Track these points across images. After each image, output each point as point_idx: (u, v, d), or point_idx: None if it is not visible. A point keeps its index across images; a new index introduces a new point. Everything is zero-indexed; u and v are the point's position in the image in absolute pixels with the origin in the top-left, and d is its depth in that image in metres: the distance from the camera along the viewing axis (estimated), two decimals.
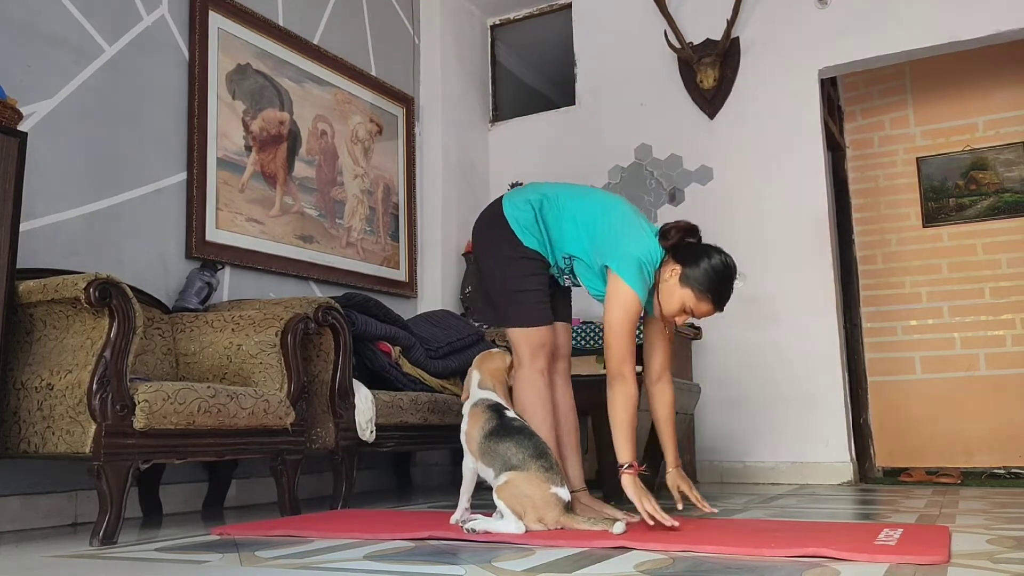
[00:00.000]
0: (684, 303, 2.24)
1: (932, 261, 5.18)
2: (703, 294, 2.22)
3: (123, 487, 2.16)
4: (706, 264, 2.22)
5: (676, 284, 2.25)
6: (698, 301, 2.23)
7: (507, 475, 2.09)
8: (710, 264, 2.22)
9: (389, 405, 3.15)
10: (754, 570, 1.56)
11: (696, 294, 2.22)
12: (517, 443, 2.11)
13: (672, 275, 2.25)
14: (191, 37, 3.36)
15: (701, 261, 2.23)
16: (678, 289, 2.24)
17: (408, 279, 4.49)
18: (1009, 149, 5.08)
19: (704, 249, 2.27)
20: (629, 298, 2.21)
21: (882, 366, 5.19)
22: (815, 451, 4.01)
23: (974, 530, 2.12)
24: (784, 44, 4.32)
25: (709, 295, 2.23)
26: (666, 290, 2.26)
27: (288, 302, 3.01)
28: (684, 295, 2.24)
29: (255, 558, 1.82)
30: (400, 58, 4.67)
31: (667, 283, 2.27)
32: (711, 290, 2.22)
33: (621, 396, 2.18)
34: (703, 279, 2.22)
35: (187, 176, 3.28)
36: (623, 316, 2.21)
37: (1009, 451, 4.80)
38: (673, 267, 2.26)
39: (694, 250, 2.27)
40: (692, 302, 2.24)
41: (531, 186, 2.57)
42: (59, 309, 2.30)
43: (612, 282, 2.25)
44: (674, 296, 2.25)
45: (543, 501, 2.06)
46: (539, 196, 2.46)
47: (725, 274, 2.24)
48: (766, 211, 4.26)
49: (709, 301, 2.23)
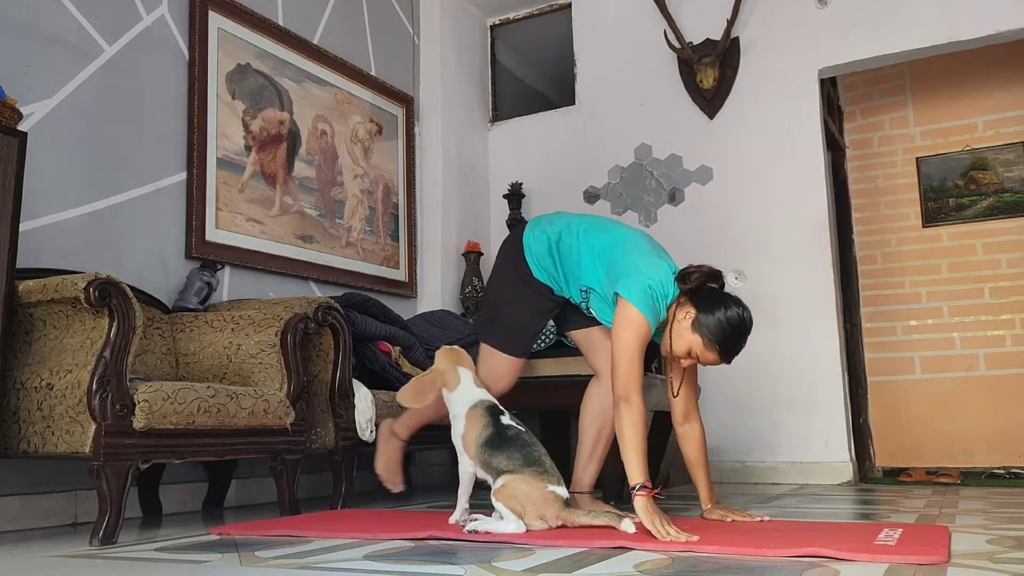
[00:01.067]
0: (692, 348, 2.21)
1: (932, 261, 5.18)
2: (711, 344, 2.18)
3: (123, 487, 2.15)
4: (721, 315, 2.18)
5: (688, 328, 2.20)
6: (705, 349, 2.19)
7: (504, 478, 2.10)
8: (725, 316, 2.18)
9: (389, 405, 3.14)
10: (754, 570, 1.56)
11: (705, 342, 2.18)
12: (508, 456, 2.12)
13: (686, 318, 2.21)
14: (191, 37, 3.36)
15: (717, 311, 2.18)
16: (688, 333, 2.20)
17: (408, 279, 4.49)
18: (1009, 149, 5.08)
19: (723, 299, 2.22)
20: (638, 321, 2.16)
21: (882, 366, 5.19)
22: (815, 451, 4.01)
23: (974, 530, 2.12)
24: (784, 44, 4.32)
25: (717, 346, 2.18)
26: (677, 331, 2.22)
27: (288, 302, 3.01)
28: (693, 340, 2.20)
29: (255, 558, 1.82)
30: (400, 58, 4.67)
31: (679, 324, 2.22)
32: (720, 342, 2.18)
33: (628, 418, 2.11)
34: (715, 330, 2.17)
35: (187, 176, 3.28)
36: (631, 338, 2.15)
37: (1009, 451, 4.80)
38: (688, 310, 2.21)
39: (713, 297, 2.22)
40: (700, 349, 2.20)
41: (557, 216, 2.52)
42: (59, 309, 2.30)
43: (621, 306, 2.19)
44: (683, 339, 2.21)
45: (542, 499, 2.08)
46: (559, 228, 2.43)
47: (740, 328, 2.19)
48: (766, 211, 4.26)
49: (716, 352, 2.19)
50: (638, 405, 2.12)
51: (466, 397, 2.25)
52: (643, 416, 2.12)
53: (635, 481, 2.05)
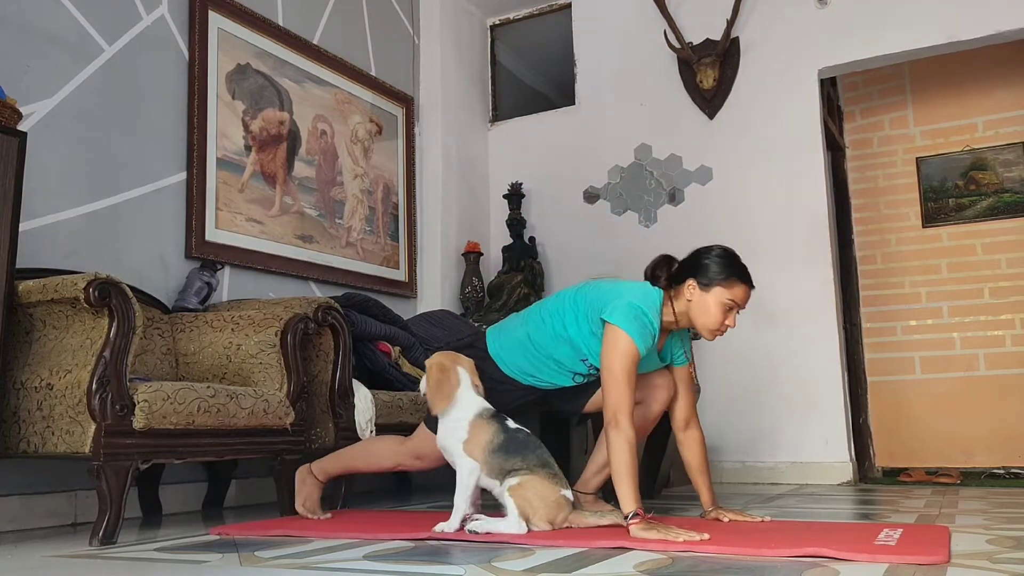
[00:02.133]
0: (721, 302, 2.20)
1: (932, 261, 5.18)
2: (729, 280, 2.19)
3: (123, 487, 2.15)
4: (709, 259, 2.22)
5: (702, 294, 2.20)
6: (731, 289, 2.19)
7: (522, 476, 2.10)
8: (712, 256, 2.22)
9: (389, 405, 3.15)
10: (754, 570, 1.56)
11: (724, 286, 2.19)
12: (524, 457, 2.13)
13: (692, 290, 2.22)
14: (191, 37, 3.36)
15: (703, 261, 2.23)
16: (707, 296, 2.20)
17: (408, 279, 4.49)
18: (1009, 149, 5.08)
19: (695, 254, 2.27)
20: (626, 346, 2.13)
21: (882, 366, 5.19)
22: (815, 451, 4.01)
23: (974, 530, 2.12)
24: (784, 44, 4.32)
25: (735, 277, 2.20)
26: (697, 306, 2.22)
27: (288, 302, 3.01)
28: (716, 295, 2.20)
29: (255, 558, 1.82)
30: (400, 58, 4.67)
31: (693, 301, 2.22)
32: (734, 272, 2.20)
33: (616, 445, 2.08)
34: (719, 270, 2.20)
35: (187, 176, 3.28)
36: (621, 363, 2.12)
37: (1008, 451, 4.80)
38: (685, 286, 2.23)
39: (689, 261, 2.27)
40: (727, 295, 2.19)
41: (508, 324, 2.47)
42: (59, 309, 2.30)
43: (608, 332, 2.17)
44: (708, 304, 2.20)
45: (555, 503, 2.10)
46: (522, 330, 2.38)
47: (732, 254, 2.24)
48: (766, 211, 4.26)
49: (739, 282, 2.20)
50: (627, 430, 2.08)
51: (468, 404, 2.22)
52: (632, 442, 2.08)
53: (628, 509, 2.01)
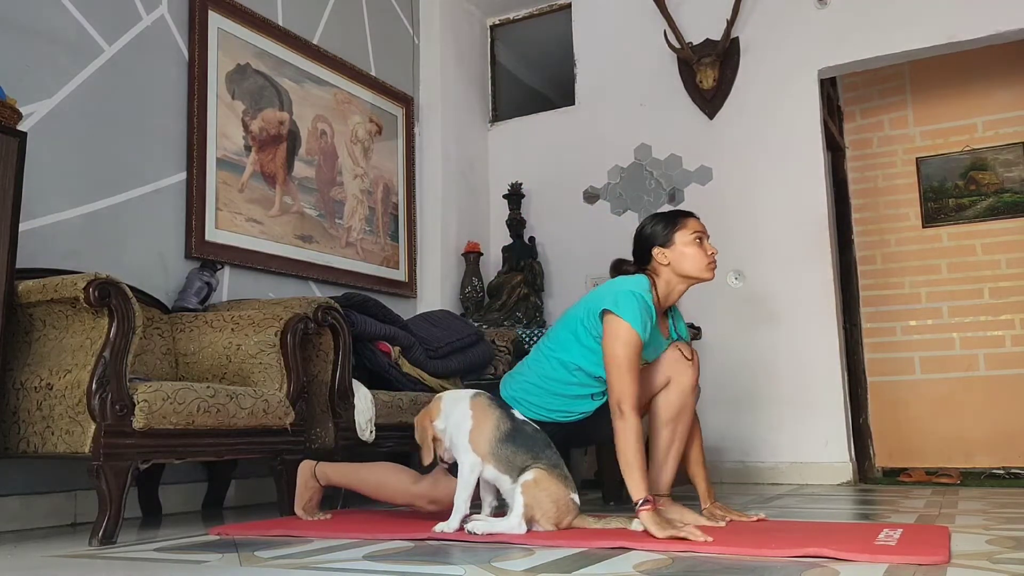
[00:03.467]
0: (688, 242, 2.32)
1: (931, 261, 5.18)
2: (677, 223, 2.34)
3: (122, 487, 2.15)
4: (651, 227, 2.37)
5: (670, 250, 2.32)
6: (686, 228, 2.33)
7: (537, 472, 2.07)
8: (651, 223, 2.38)
9: (389, 405, 3.15)
10: (754, 570, 1.56)
11: (679, 229, 2.33)
12: (535, 454, 2.11)
13: (661, 256, 2.33)
14: (191, 37, 3.36)
15: (647, 231, 2.37)
16: (675, 248, 2.32)
17: (408, 279, 4.49)
18: (1008, 149, 5.08)
19: (638, 236, 2.41)
20: (626, 334, 2.16)
21: (881, 366, 5.19)
22: (815, 451, 4.01)
23: (973, 530, 2.12)
24: (784, 44, 4.32)
25: (678, 217, 2.36)
26: (676, 261, 2.32)
27: (287, 302, 3.01)
28: (680, 240, 2.32)
29: (254, 558, 1.82)
30: (400, 58, 4.67)
31: (670, 262, 2.32)
32: (674, 216, 2.37)
33: (622, 434, 2.09)
34: (664, 223, 2.35)
35: (187, 176, 3.28)
36: (621, 352, 2.15)
37: (1008, 451, 4.80)
38: (653, 259, 2.34)
39: (638, 243, 2.40)
40: (687, 233, 2.33)
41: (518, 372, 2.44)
42: (59, 309, 2.30)
43: (607, 323, 2.20)
44: (682, 252, 2.32)
45: (565, 506, 2.09)
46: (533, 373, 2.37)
47: (659, 212, 2.45)
48: (766, 211, 4.26)
49: (684, 217, 2.36)
50: (631, 419, 2.09)
51: (460, 393, 2.23)
52: (637, 430, 2.08)
53: (637, 496, 2.01)
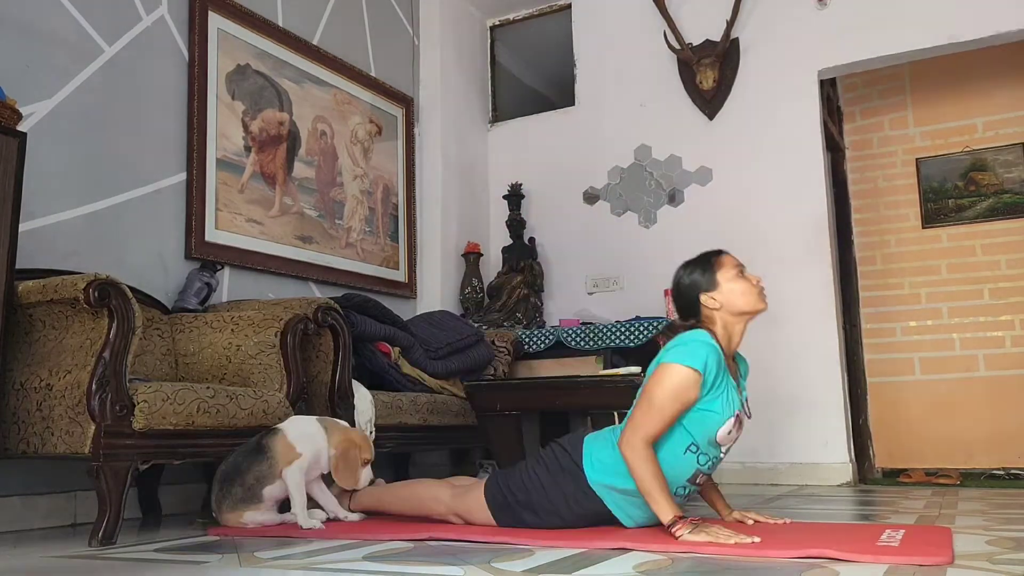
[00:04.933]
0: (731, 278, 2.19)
1: (931, 262, 5.18)
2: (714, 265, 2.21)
3: (122, 487, 2.15)
4: (690, 276, 2.23)
5: (717, 294, 2.18)
6: (723, 267, 2.21)
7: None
8: (688, 272, 2.24)
9: (388, 406, 3.14)
10: (754, 570, 1.56)
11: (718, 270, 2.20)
12: None
13: (710, 300, 2.19)
14: (191, 37, 3.35)
15: (687, 280, 2.23)
16: (721, 289, 2.18)
17: (407, 280, 4.49)
18: (1008, 150, 5.08)
19: (678, 287, 2.26)
20: (676, 374, 2.03)
21: (881, 367, 5.19)
22: (814, 452, 4.00)
23: (973, 531, 2.12)
24: (784, 45, 4.32)
25: (712, 259, 2.23)
26: (726, 302, 2.18)
27: (287, 303, 3.00)
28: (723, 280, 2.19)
29: (254, 558, 1.82)
30: (400, 59, 4.67)
31: (721, 305, 2.18)
32: (708, 258, 2.23)
33: (636, 464, 1.99)
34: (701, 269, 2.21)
35: (187, 176, 3.28)
36: (665, 389, 2.02)
37: (1008, 452, 4.80)
38: (702, 305, 2.20)
39: (680, 295, 2.26)
40: (727, 271, 2.20)
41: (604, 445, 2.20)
42: (58, 309, 2.29)
43: (666, 368, 2.06)
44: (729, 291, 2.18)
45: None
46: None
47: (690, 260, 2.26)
48: (765, 212, 4.26)
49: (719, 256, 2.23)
50: (640, 449, 1.99)
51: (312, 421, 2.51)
52: (650, 456, 1.99)
53: (667, 519, 1.93)
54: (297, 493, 2.30)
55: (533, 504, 2.18)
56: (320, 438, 2.39)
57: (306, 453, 2.33)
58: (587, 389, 3.10)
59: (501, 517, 2.21)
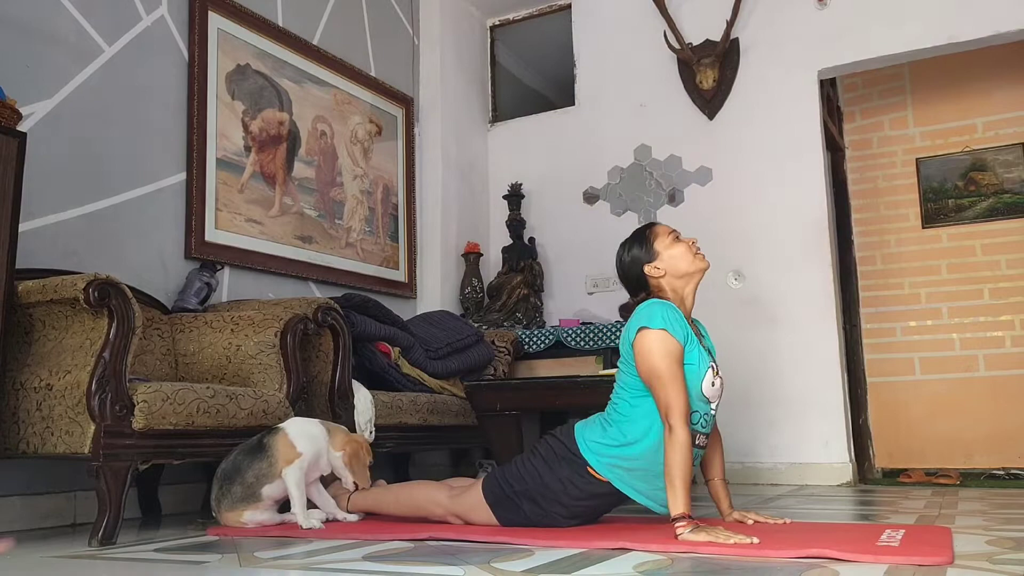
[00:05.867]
0: (668, 245, 2.28)
1: (931, 262, 5.18)
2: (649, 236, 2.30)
3: (122, 487, 2.15)
4: (630, 251, 2.32)
5: (658, 263, 2.27)
6: (657, 237, 2.30)
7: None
8: (627, 248, 2.34)
9: (388, 406, 3.14)
10: (754, 570, 1.56)
11: (655, 240, 2.29)
12: None
13: (653, 271, 2.28)
14: (190, 37, 3.35)
15: (628, 255, 2.33)
16: (662, 258, 2.27)
17: (407, 280, 4.49)
18: (1008, 150, 5.08)
19: (620, 262, 2.37)
20: (663, 341, 2.09)
21: (881, 367, 5.19)
22: (814, 452, 4.00)
23: (973, 531, 2.12)
24: (784, 45, 4.32)
25: (647, 232, 2.32)
26: (668, 268, 2.26)
27: (287, 303, 3.00)
28: (661, 248, 2.28)
29: (254, 558, 1.82)
30: (399, 59, 4.67)
31: (663, 273, 2.26)
32: (643, 232, 2.34)
33: (670, 447, 2.00)
34: (639, 242, 2.31)
35: (186, 176, 3.28)
36: (663, 362, 2.07)
37: (1008, 452, 4.80)
38: (647, 276, 2.29)
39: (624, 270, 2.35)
40: (664, 240, 2.29)
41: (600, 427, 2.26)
42: (58, 309, 2.29)
43: (638, 340, 2.13)
44: (669, 258, 2.27)
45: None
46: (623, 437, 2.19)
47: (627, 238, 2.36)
48: (765, 212, 4.26)
49: (652, 227, 2.33)
50: (680, 433, 2.00)
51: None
52: (686, 444, 2.00)
53: (677, 512, 1.94)
54: (297, 492, 2.30)
55: (531, 492, 2.19)
56: (322, 439, 2.39)
57: (306, 453, 2.33)
58: (587, 389, 3.10)
59: (500, 512, 2.21)
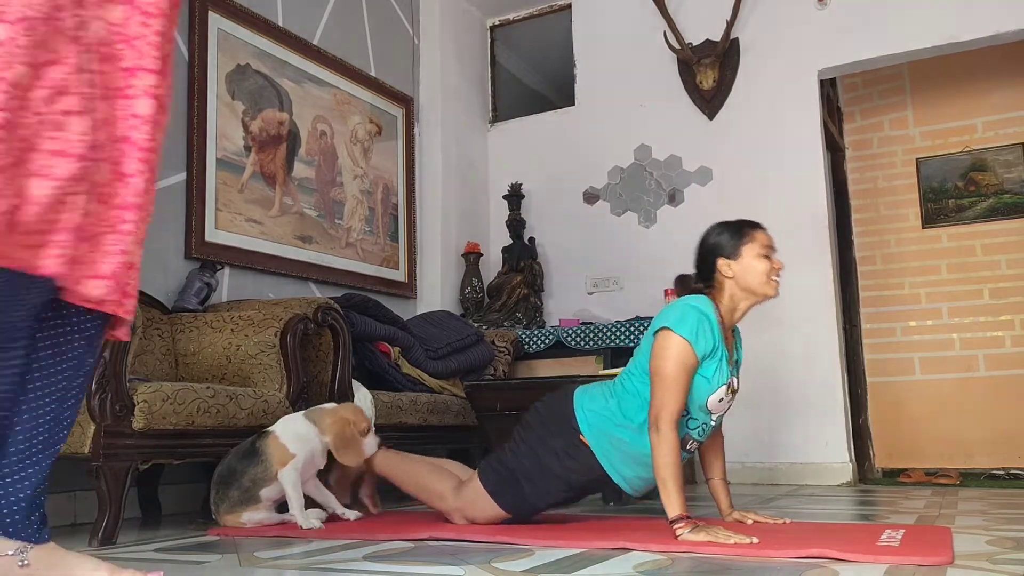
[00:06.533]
0: (756, 254, 2.19)
1: (931, 262, 5.18)
2: (746, 234, 2.21)
3: (122, 488, 2.15)
4: (717, 236, 2.23)
5: (737, 263, 2.19)
6: (755, 240, 2.20)
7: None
8: (716, 232, 2.24)
9: (388, 406, 3.15)
10: (754, 570, 1.56)
11: (748, 241, 2.20)
12: None
13: (727, 268, 2.20)
14: (191, 37, 3.35)
15: (712, 241, 2.24)
16: (742, 261, 2.18)
17: (407, 280, 4.49)
18: (1008, 150, 5.08)
19: (702, 245, 2.27)
20: (678, 346, 2.05)
21: (881, 367, 5.19)
22: (814, 452, 4.00)
23: (973, 531, 2.12)
24: (784, 45, 4.32)
25: (748, 228, 2.22)
26: (741, 274, 2.18)
27: (287, 302, 3.00)
28: (748, 253, 2.19)
29: (254, 558, 1.82)
30: (399, 59, 4.67)
31: (735, 275, 2.19)
32: (744, 226, 2.23)
33: (658, 448, 2.00)
34: (732, 234, 2.21)
35: (186, 176, 3.28)
36: (672, 367, 2.04)
37: (1008, 452, 4.80)
38: (717, 271, 2.21)
39: (701, 254, 2.26)
40: (756, 247, 2.19)
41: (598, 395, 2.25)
42: None
43: (658, 339, 2.10)
44: (749, 265, 2.18)
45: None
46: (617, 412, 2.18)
47: (727, 221, 2.27)
48: (765, 212, 4.20)
49: (755, 229, 2.23)
50: (668, 434, 2.00)
51: None
52: (674, 445, 2.00)
53: (673, 514, 1.94)
54: (294, 493, 2.30)
55: (528, 470, 2.19)
56: (312, 435, 2.38)
57: (299, 454, 2.33)
58: None
59: (502, 498, 2.21)
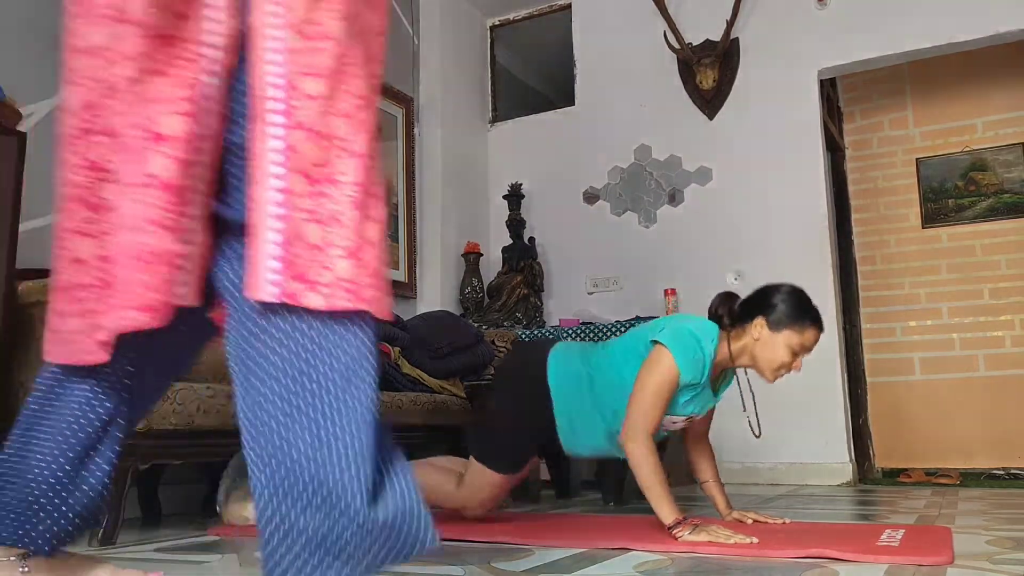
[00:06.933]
0: (790, 344, 2.10)
1: (931, 262, 5.18)
2: (802, 323, 2.10)
3: (122, 488, 2.15)
4: (780, 298, 2.12)
5: (771, 334, 2.11)
6: (802, 334, 2.10)
7: None
8: (784, 295, 2.13)
9: (389, 406, 3.14)
10: (754, 570, 1.56)
11: (796, 330, 2.10)
12: None
13: (760, 329, 2.12)
14: None
15: (774, 299, 2.13)
16: (776, 336, 2.11)
17: (407, 280, 4.49)
18: (1008, 150, 5.08)
19: (763, 291, 2.17)
20: (668, 366, 2.05)
21: (881, 367, 5.19)
22: (814, 452, 4.00)
23: (973, 531, 2.12)
24: (784, 45, 4.32)
25: (809, 320, 2.11)
26: (763, 345, 2.12)
27: None
28: (786, 337, 2.10)
29: (254, 558, 1.82)
30: (399, 58, 4.66)
31: (760, 340, 2.12)
32: (807, 315, 2.11)
33: (638, 458, 2.01)
34: (792, 312, 2.10)
35: None
36: (656, 382, 2.05)
37: (1008, 452, 4.80)
38: (752, 326, 2.14)
39: (756, 298, 2.18)
40: (797, 339, 2.10)
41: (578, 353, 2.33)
42: None
43: (652, 352, 2.10)
44: (776, 345, 2.11)
45: None
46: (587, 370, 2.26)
47: (804, 295, 2.14)
48: (765, 212, 4.26)
49: (812, 326, 2.11)
50: (643, 444, 2.02)
51: None
52: (651, 450, 2.02)
53: (669, 520, 1.94)
54: None
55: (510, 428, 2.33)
56: None
57: None
58: None
59: (495, 463, 2.32)
